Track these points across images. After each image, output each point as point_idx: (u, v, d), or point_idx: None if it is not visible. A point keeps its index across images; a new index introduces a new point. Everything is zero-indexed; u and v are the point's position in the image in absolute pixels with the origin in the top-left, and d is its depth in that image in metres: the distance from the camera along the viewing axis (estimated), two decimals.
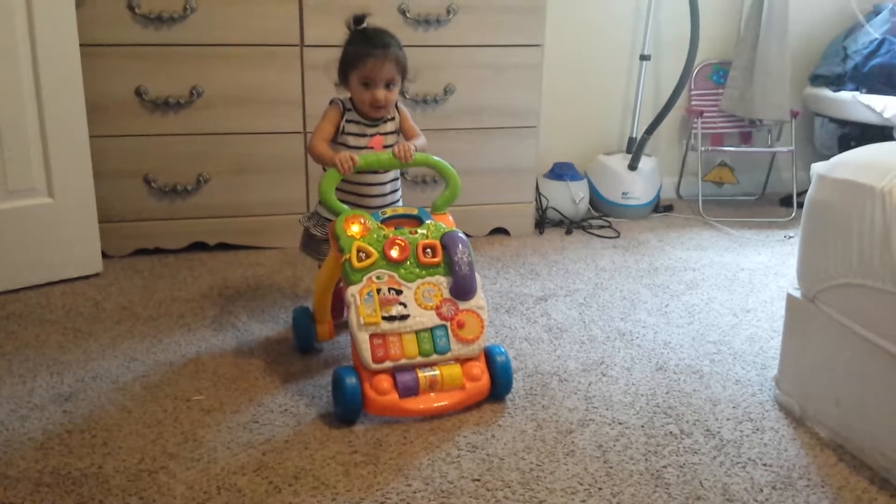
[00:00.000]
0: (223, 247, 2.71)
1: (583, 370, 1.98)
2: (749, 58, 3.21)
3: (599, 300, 2.40)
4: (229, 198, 2.68)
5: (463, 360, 1.77)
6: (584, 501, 1.49)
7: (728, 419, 1.78)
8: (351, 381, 1.69)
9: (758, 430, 1.74)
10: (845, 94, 3.19)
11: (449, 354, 1.75)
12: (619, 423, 1.75)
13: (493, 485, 1.53)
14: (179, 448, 1.62)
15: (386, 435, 1.68)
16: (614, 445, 1.67)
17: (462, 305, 1.78)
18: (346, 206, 1.85)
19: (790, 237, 3.00)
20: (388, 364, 1.70)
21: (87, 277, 2.44)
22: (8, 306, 2.23)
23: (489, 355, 1.81)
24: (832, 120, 3.34)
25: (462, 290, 1.78)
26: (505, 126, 2.86)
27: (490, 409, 1.79)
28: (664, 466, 1.60)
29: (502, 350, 1.83)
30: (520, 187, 2.94)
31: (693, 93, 3.38)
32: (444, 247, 1.80)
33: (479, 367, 1.78)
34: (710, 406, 1.83)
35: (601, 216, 3.20)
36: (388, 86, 1.90)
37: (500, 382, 1.80)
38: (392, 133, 1.98)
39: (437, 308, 1.76)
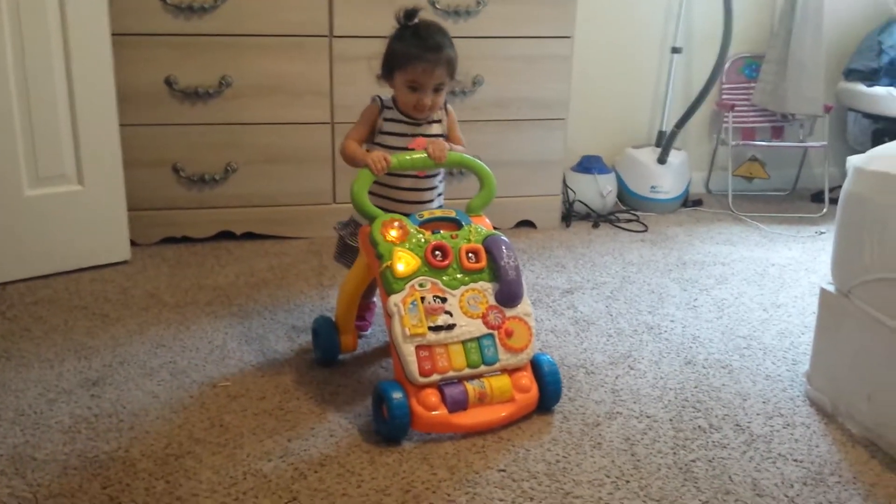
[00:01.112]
0: (250, 236, 2.72)
1: (610, 363, 1.96)
2: (782, 51, 3.16)
3: (627, 293, 2.37)
4: (257, 187, 2.68)
5: (511, 371, 1.69)
6: (611, 494, 1.48)
7: (758, 414, 1.75)
8: (398, 396, 1.58)
9: (788, 425, 1.71)
10: (880, 90, 3.14)
11: (497, 365, 1.67)
12: (647, 417, 1.73)
13: (518, 475, 1.52)
14: (206, 433, 1.62)
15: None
16: (642, 439, 1.65)
17: (509, 313, 1.69)
18: (380, 210, 1.74)
19: (822, 233, 2.95)
20: (435, 377, 1.61)
21: (115, 265, 2.45)
22: (37, 292, 2.26)
23: (536, 364, 1.72)
24: (865, 115, 3.28)
25: (509, 296, 1.69)
26: (533, 118, 2.84)
27: None
28: (693, 460, 1.58)
29: (550, 358, 1.75)
30: (547, 180, 2.92)
31: (724, 86, 3.33)
32: (487, 251, 1.72)
33: (527, 378, 1.70)
34: (739, 401, 1.80)
35: (629, 210, 3.17)
36: (436, 90, 1.78)
37: (549, 393, 1.72)
38: (438, 136, 1.84)
39: (484, 316, 1.67)
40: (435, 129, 1.85)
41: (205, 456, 1.55)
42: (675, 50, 3.23)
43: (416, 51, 1.75)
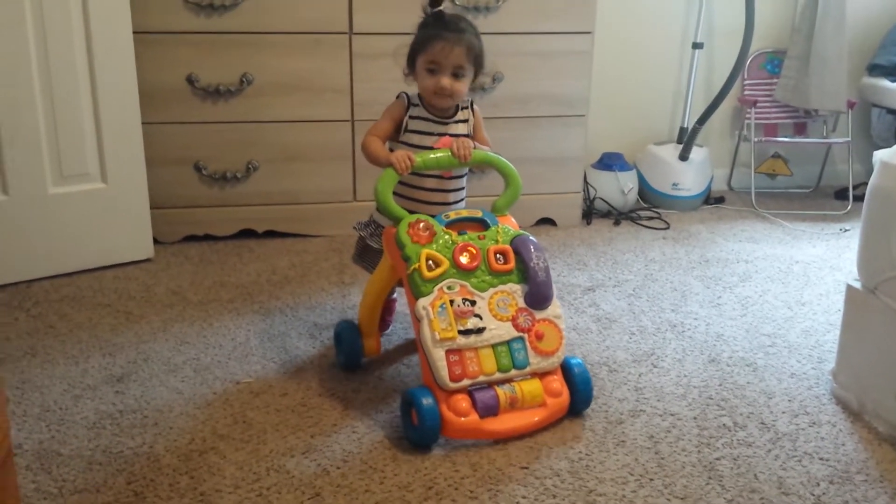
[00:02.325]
0: (271, 234, 2.72)
1: (633, 361, 1.95)
2: (805, 47, 3.13)
3: (649, 291, 2.36)
4: (278, 185, 2.69)
5: (541, 375, 1.66)
6: (634, 492, 1.47)
7: (783, 412, 1.73)
8: (428, 402, 1.55)
9: (814, 423, 1.69)
10: None
11: (528, 369, 1.63)
12: (671, 415, 1.72)
13: (541, 473, 1.52)
14: (230, 429, 1.63)
15: None
16: (666, 437, 1.64)
17: (538, 315, 1.66)
18: (405, 211, 1.70)
19: (846, 230, 2.92)
20: (465, 382, 1.58)
21: (138, 262, 2.47)
22: (61, 289, 2.27)
23: (566, 367, 1.69)
24: (890, 111, 3.24)
25: (539, 298, 1.66)
26: (553, 115, 2.83)
27: None
28: (717, 458, 1.57)
29: (579, 361, 1.71)
30: (567, 177, 2.91)
31: (746, 82, 3.31)
32: (516, 252, 1.68)
33: (558, 381, 1.66)
34: (764, 399, 1.79)
35: (650, 207, 3.15)
36: (456, 75, 1.73)
37: (580, 397, 1.68)
38: (464, 136, 1.79)
39: (514, 319, 1.63)
40: (461, 128, 1.81)
41: (228, 452, 1.56)
42: (697, 45, 3.20)
43: (435, 31, 1.73)
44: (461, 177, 1.86)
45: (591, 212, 3.03)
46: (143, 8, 2.43)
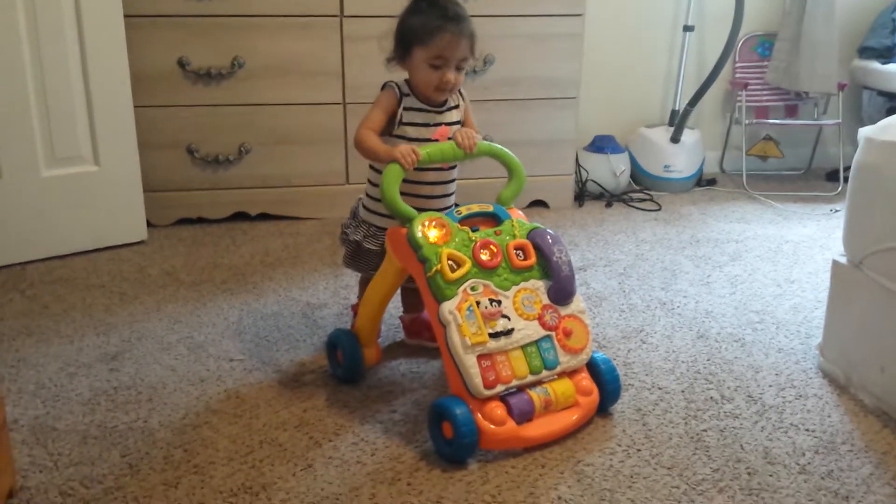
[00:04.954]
0: (264, 217, 2.74)
1: (622, 337, 1.97)
2: (795, 29, 3.14)
3: (640, 270, 2.38)
4: (270, 168, 2.70)
5: (570, 374, 1.58)
6: (622, 462, 1.49)
7: (770, 386, 1.75)
8: (464, 413, 1.45)
9: (800, 396, 1.72)
10: (894, 67, 3.11)
11: (558, 368, 1.55)
12: (659, 388, 1.74)
13: None
14: (223, 405, 1.65)
15: (424, 396, 1.69)
16: (653, 409, 1.66)
17: (563, 311, 1.58)
18: (413, 210, 1.58)
19: (836, 211, 2.94)
20: (499, 388, 1.48)
21: (131, 245, 2.48)
22: (55, 271, 2.29)
23: (593, 364, 1.62)
24: (880, 93, 3.25)
25: (564, 293, 1.58)
26: (545, 97, 2.84)
27: None
28: (704, 430, 1.59)
29: (605, 357, 1.65)
30: (559, 160, 2.92)
31: (737, 65, 3.32)
32: (536, 246, 1.60)
33: (587, 379, 1.59)
34: (751, 373, 1.81)
35: (642, 189, 3.17)
36: (459, 67, 1.65)
37: (609, 393, 1.62)
38: (458, 123, 1.73)
39: (540, 317, 1.55)
40: (455, 115, 1.73)
41: (222, 426, 1.57)
42: (688, 28, 3.21)
43: (438, 21, 1.62)
44: (454, 167, 1.78)
45: (584, 194, 3.04)
46: None
